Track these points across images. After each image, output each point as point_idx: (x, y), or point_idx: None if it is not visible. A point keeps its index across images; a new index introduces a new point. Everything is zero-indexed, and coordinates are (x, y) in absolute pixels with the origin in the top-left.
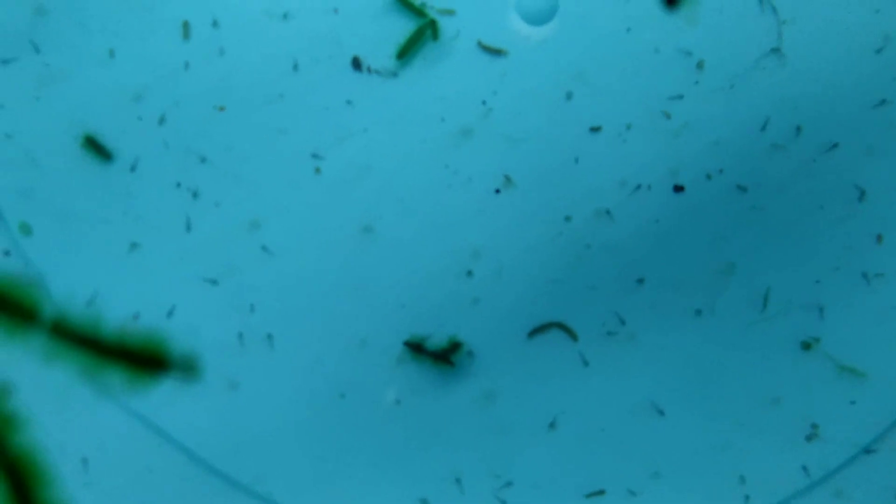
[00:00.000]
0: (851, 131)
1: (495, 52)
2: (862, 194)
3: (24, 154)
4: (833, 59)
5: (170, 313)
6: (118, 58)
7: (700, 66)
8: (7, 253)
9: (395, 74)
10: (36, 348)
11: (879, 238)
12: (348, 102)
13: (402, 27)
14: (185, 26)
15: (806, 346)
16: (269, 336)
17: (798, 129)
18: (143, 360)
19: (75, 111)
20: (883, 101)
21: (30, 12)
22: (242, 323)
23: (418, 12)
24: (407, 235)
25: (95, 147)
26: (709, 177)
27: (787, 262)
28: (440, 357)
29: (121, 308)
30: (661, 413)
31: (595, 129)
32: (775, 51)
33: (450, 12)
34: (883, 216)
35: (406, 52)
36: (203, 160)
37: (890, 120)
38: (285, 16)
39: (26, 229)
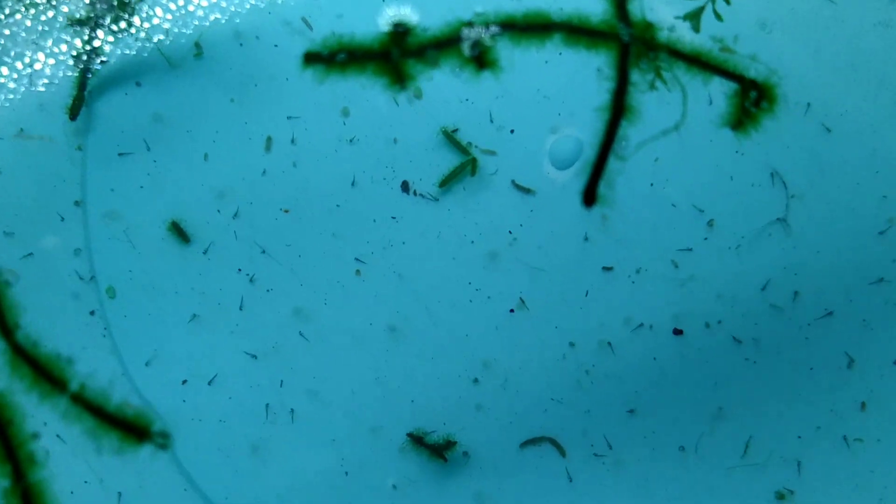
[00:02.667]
0: (847, 303)
1: (526, 191)
2: (851, 362)
3: (123, 231)
4: (836, 235)
5: (212, 381)
6: (211, 161)
7: (711, 224)
8: (92, 313)
9: (436, 199)
10: (59, 410)
11: (863, 406)
12: (393, 218)
13: (449, 160)
14: (269, 140)
15: (780, 496)
16: (292, 411)
17: (796, 293)
18: (132, 428)
19: (169, 200)
20: (881, 280)
21: (149, 118)
22: (271, 396)
23: (463, 150)
24: (427, 340)
25: (179, 231)
26: (708, 325)
27: (772, 415)
28: (436, 451)
29: (174, 369)
30: None
31: (607, 269)
32: (781, 220)
33: (491, 153)
34: (869, 386)
35: (448, 182)
36: (263, 252)
37: (886, 297)
38: (352, 140)
39: (112, 293)
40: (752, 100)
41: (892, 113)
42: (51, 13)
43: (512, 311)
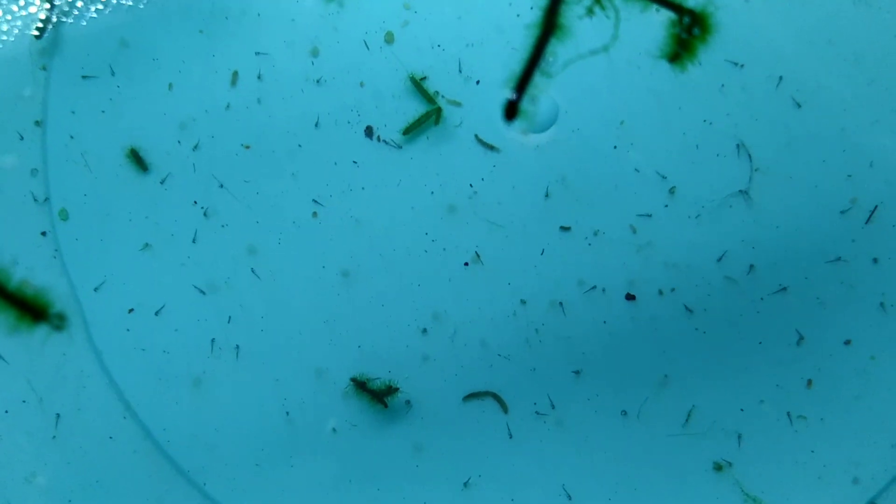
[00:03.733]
0: (803, 280)
1: (489, 147)
2: (801, 339)
3: (80, 154)
4: (797, 212)
5: (159, 311)
6: (174, 91)
7: (672, 191)
8: (44, 234)
9: (399, 147)
10: None
11: (809, 383)
12: (354, 162)
13: (416, 109)
14: (234, 75)
15: (718, 467)
16: (237, 347)
17: (752, 267)
18: (30, 308)
19: (129, 128)
20: (838, 259)
21: (115, 43)
22: (218, 331)
23: (429, 99)
24: (378, 287)
25: (137, 159)
26: (661, 293)
27: (717, 386)
28: (377, 397)
29: (122, 297)
30: (569, 498)
31: (565, 229)
32: (743, 193)
33: (457, 104)
34: (817, 364)
35: (412, 130)
36: (221, 186)
37: (842, 277)
38: (318, 81)
39: (64, 215)
40: (685, 26)
41: (864, 92)
42: None
43: (466, 264)
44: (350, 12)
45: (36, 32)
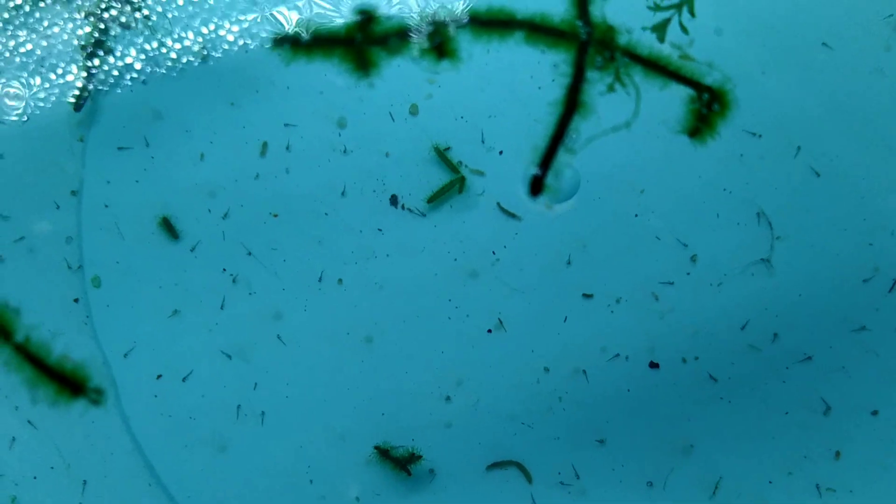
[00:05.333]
0: (827, 349)
1: (511, 215)
2: (828, 409)
3: (114, 223)
4: (820, 280)
5: (186, 377)
6: (206, 161)
7: (694, 259)
8: (76, 300)
9: (423, 215)
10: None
11: (838, 454)
12: (379, 230)
13: (439, 178)
14: (264, 146)
15: None
16: (263, 413)
17: (776, 335)
18: (69, 382)
19: (162, 196)
20: (863, 328)
21: (149, 115)
22: (244, 397)
23: (453, 168)
24: (401, 353)
25: (168, 227)
26: (684, 361)
27: (744, 456)
28: (401, 464)
29: (151, 363)
30: None
31: (587, 296)
32: (765, 261)
33: (480, 173)
34: (845, 434)
35: (435, 199)
36: (249, 254)
37: (867, 346)
38: (345, 151)
39: (97, 282)
40: (705, 102)
41: (882, 160)
42: (61, 6)
43: (489, 331)
44: (375, 85)
45: (74, 105)
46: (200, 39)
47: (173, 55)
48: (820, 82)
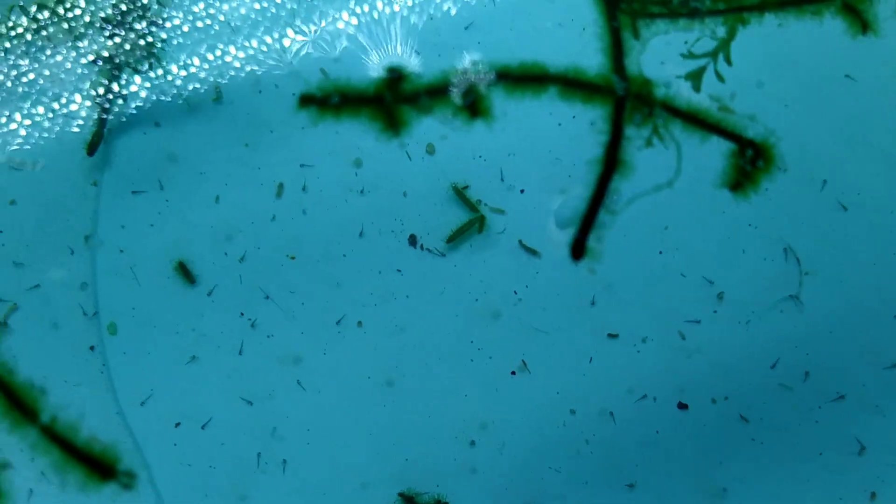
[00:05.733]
0: (860, 386)
1: (533, 252)
2: (862, 449)
3: (129, 267)
4: (850, 316)
5: (205, 425)
6: (221, 203)
7: (720, 297)
8: (92, 348)
9: (443, 255)
10: (28, 440)
11: (873, 496)
12: (398, 271)
13: (458, 217)
14: (280, 187)
15: None
16: (284, 461)
17: (807, 374)
18: (98, 465)
19: (177, 240)
20: (895, 365)
21: (164, 158)
22: (264, 444)
23: (472, 207)
24: (424, 397)
25: (185, 272)
26: (714, 401)
27: (778, 499)
28: None
29: (168, 411)
30: None
31: (612, 336)
32: (794, 297)
33: (500, 211)
34: (880, 474)
35: (455, 238)
36: (267, 297)
37: None
38: (362, 192)
39: (113, 329)
40: (749, 158)
41: None
42: (74, 53)
43: (513, 373)
44: (308, 111)
45: (87, 148)
46: (212, 78)
47: (186, 95)
48: (844, 115)
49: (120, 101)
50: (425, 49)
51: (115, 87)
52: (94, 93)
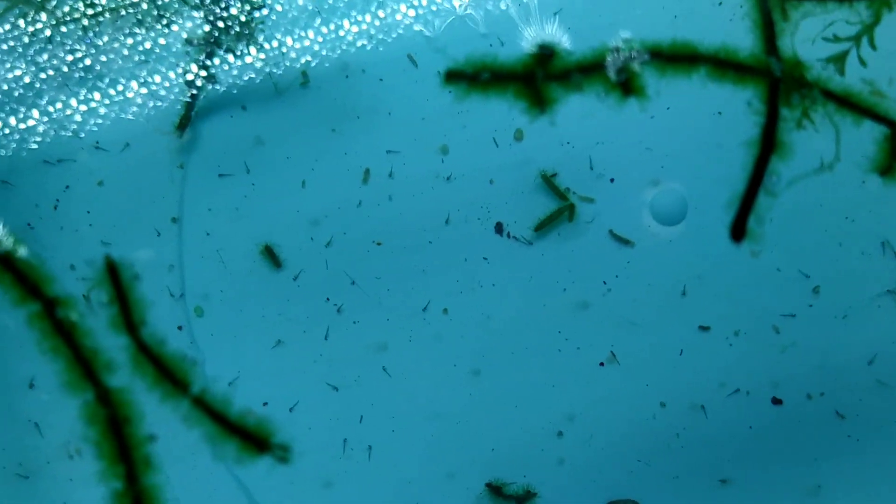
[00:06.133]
0: None
1: (623, 242)
2: None
3: (215, 250)
4: None
5: (292, 408)
6: (308, 188)
7: (816, 291)
8: (180, 328)
9: (530, 243)
10: (180, 413)
11: None
12: (485, 259)
13: (545, 205)
14: (367, 172)
15: None
16: (370, 447)
17: None
18: (253, 439)
19: (263, 224)
20: None
21: (251, 141)
22: (349, 430)
23: (562, 196)
24: (511, 386)
25: (271, 255)
26: (809, 397)
27: (874, 498)
28: (515, 502)
29: (255, 393)
30: None
31: (704, 328)
32: (891, 292)
33: (589, 200)
34: None
35: (544, 227)
36: (353, 283)
37: None
38: (448, 178)
39: (199, 311)
40: None
41: None
42: (167, 33)
43: (602, 364)
44: (479, 110)
45: (177, 131)
46: (304, 60)
47: (274, 79)
48: None
49: (209, 84)
50: (575, 25)
51: (206, 69)
52: (184, 74)
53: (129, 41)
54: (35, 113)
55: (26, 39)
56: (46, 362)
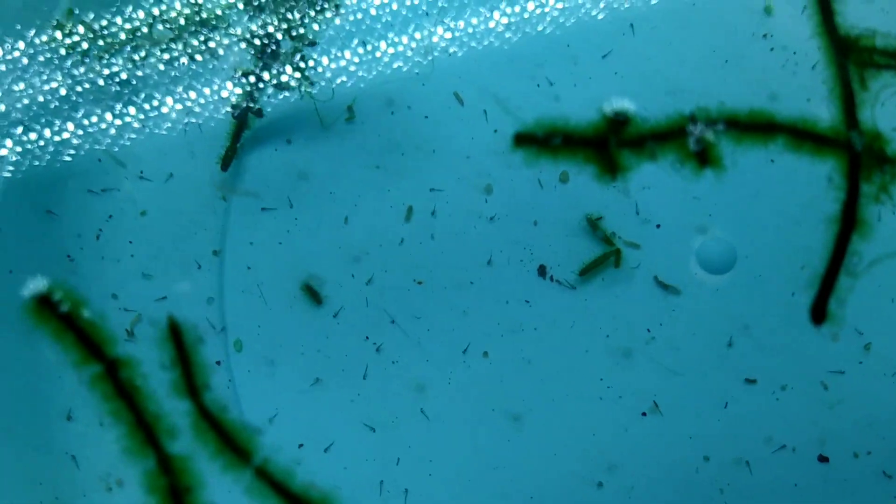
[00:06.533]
0: None
1: (669, 289)
2: None
3: (255, 284)
4: None
5: (328, 448)
6: (350, 224)
7: (867, 347)
8: (218, 363)
9: (573, 287)
10: (242, 483)
11: None
12: (527, 302)
13: (589, 249)
14: (409, 210)
15: None
16: (406, 491)
17: None
18: None
19: (305, 259)
20: None
21: (294, 176)
22: (386, 471)
23: (607, 240)
24: (550, 433)
25: (311, 292)
26: (856, 455)
27: None
28: None
29: (292, 431)
30: None
31: (750, 381)
32: None
33: (635, 246)
34: None
35: (589, 271)
36: (393, 322)
37: None
38: (492, 218)
39: (239, 346)
40: None
41: None
42: (214, 62)
43: (644, 414)
44: (524, 150)
45: (221, 163)
46: (346, 95)
47: (320, 115)
48: None
49: (255, 118)
50: (647, 91)
51: (253, 101)
52: (230, 105)
53: (174, 64)
54: (70, 126)
55: (63, 52)
56: (84, 394)
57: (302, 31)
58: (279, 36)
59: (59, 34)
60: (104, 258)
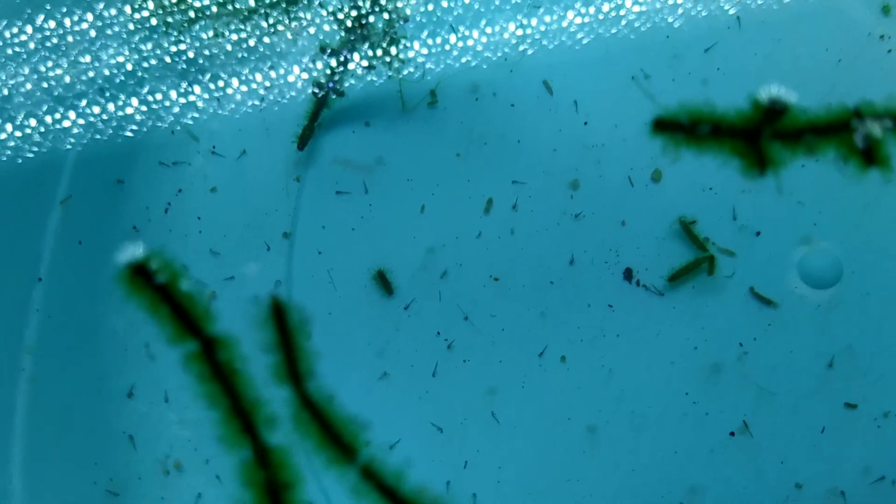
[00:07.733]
0: None
1: (766, 302)
2: None
3: (327, 271)
4: None
5: (393, 446)
6: (427, 214)
7: None
8: None
9: (661, 294)
10: (346, 482)
11: None
12: (610, 306)
13: (679, 254)
14: (489, 203)
15: None
16: (474, 495)
17: None
18: None
19: (378, 248)
20: None
21: (372, 159)
22: (453, 474)
23: (701, 246)
24: (628, 448)
25: (383, 281)
26: None
27: None
28: None
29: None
30: None
31: (850, 406)
32: None
33: (730, 253)
34: None
35: (678, 278)
36: (466, 318)
37: None
38: (577, 216)
39: (307, 336)
40: None
41: None
42: (299, 40)
43: (732, 434)
44: (617, 145)
45: (299, 143)
46: (430, 79)
47: (403, 96)
48: None
49: (336, 96)
50: (806, 79)
51: (335, 81)
52: (311, 83)
53: (253, 41)
54: (134, 101)
55: (131, 26)
56: (148, 371)
57: (394, 14)
58: (371, 18)
59: (128, 8)
60: (171, 231)
